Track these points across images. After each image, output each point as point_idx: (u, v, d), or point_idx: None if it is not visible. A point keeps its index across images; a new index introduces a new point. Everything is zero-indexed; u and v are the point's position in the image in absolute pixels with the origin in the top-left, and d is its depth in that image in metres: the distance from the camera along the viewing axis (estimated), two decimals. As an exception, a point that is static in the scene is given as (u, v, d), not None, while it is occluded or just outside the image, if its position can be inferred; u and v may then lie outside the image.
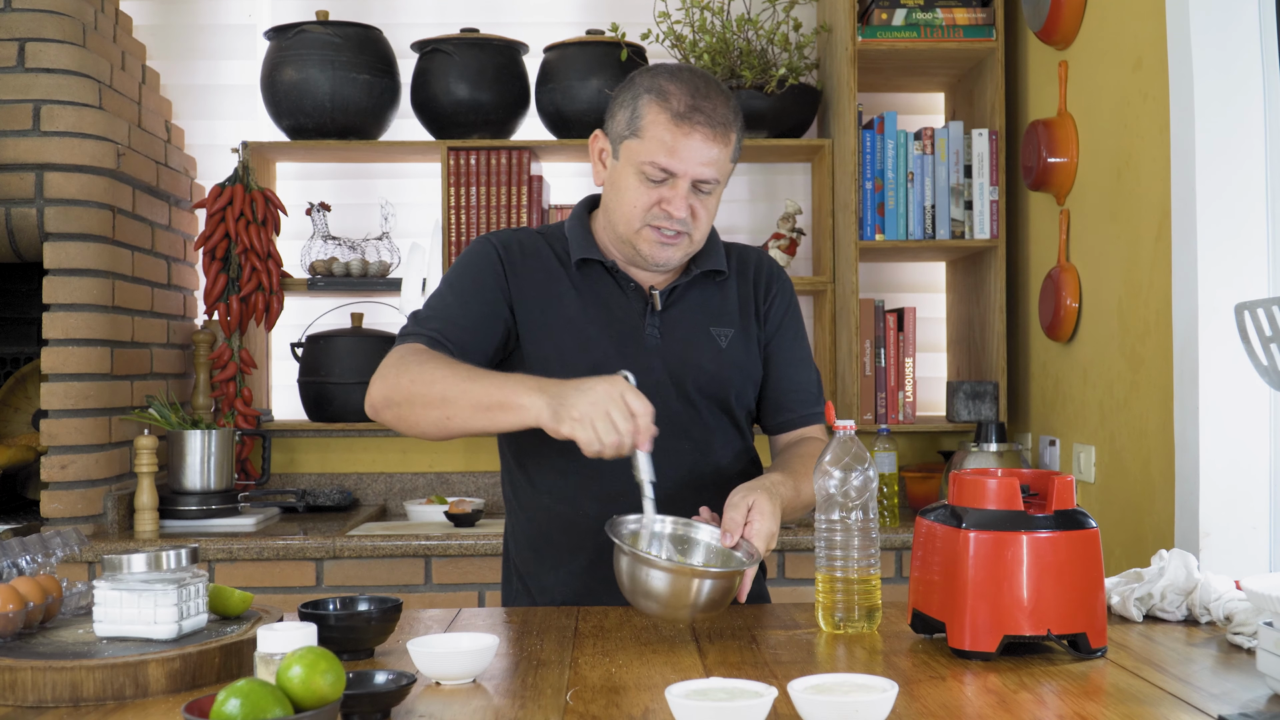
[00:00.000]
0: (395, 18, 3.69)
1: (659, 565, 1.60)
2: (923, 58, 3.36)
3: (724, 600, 1.62)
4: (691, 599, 1.59)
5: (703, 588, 1.59)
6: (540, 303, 1.94)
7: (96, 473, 3.00)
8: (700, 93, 1.85)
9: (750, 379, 2.00)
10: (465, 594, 2.98)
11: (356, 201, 3.70)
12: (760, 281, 2.03)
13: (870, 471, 1.63)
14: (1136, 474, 2.58)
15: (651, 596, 1.60)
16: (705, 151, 1.84)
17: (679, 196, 1.85)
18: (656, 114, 1.84)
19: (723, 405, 1.96)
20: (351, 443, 3.64)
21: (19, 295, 3.43)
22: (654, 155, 1.84)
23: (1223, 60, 2.29)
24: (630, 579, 1.62)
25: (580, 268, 1.96)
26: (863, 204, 3.28)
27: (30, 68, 2.98)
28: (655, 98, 1.85)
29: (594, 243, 1.97)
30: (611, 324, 1.93)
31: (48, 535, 1.72)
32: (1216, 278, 2.28)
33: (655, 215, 1.87)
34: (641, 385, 1.72)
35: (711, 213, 1.91)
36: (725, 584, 1.61)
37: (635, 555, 1.61)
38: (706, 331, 1.96)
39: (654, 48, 3.52)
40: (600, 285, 1.96)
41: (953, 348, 3.68)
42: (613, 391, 1.62)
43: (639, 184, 1.86)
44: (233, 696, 1.10)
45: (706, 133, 1.83)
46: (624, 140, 1.89)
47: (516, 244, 1.98)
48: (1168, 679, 1.42)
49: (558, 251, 1.98)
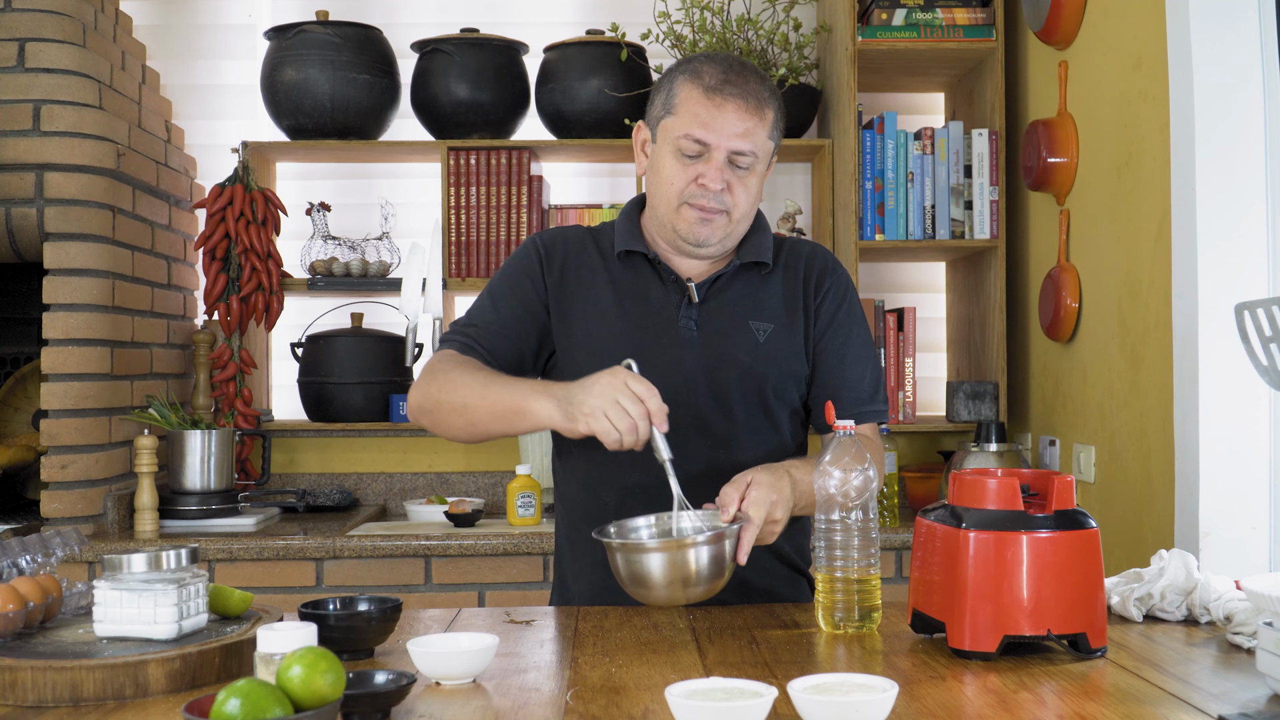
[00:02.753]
0: (395, 18, 3.69)
1: (643, 548, 1.62)
2: (923, 58, 3.36)
3: (720, 571, 1.63)
4: (683, 574, 1.60)
5: (688, 559, 1.60)
6: (576, 296, 1.97)
7: (96, 473, 3.00)
8: (733, 69, 1.89)
9: (791, 375, 1.97)
10: (465, 594, 2.98)
11: (356, 201, 3.70)
12: (812, 276, 2.01)
13: (870, 471, 1.63)
14: (1136, 474, 2.58)
15: (645, 582, 1.61)
16: (738, 122, 1.86)
17: (714, 169, 1.87)
18: (690, 90, 1.88)
19: (758, 400, 1.95)
20: (351, 443, 3.64)
21: (19, 295, 3.43)
22: (688, 128, 1.86)
23: (1223, 60, 2.29)
24: (625, 572, 1.63)
25: (622, 260, 1.98)
26: (863, 204, 3.28)
27: (30, 68, 2.98)
28: (689, 76, 1.90)
29: (639, 235, 2.00)
30: (647, 316, 1.95)
31: (48, 535, 1.72)
32: (1216, 278, 2.28)
33: (692, 193, 1.88)
34: (672, 378, 1.82)
35: (751, 192, 1.91)
36: (715, 551, 1.61)
37: (620, 545, 1.63)
38: (745, 325, 1.96)
39: (654, 48, 3.52)
40: (640, 277, 1.98)
41: (953, 348, 3.68)
42: (615, 381, 1.67)
43: (675, 161, 1.89)
44: (233, 696, 1.10)
45: (739, 104, 1.86)
46: (660, 121, 1.92)
47: (560, 240, 2.03)
48: (1168, 679, 1.42)
49: (602, 246, 2.02)
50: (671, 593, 1.62)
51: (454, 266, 3.46)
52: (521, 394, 1.77)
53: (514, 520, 3.15)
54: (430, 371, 1.89)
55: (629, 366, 1.71)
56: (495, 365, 1.92)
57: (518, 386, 1.79)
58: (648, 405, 1.66)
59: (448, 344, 1.94)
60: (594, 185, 3.77)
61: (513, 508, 3.15)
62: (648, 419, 1.66)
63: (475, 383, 1.82)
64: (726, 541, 1.64)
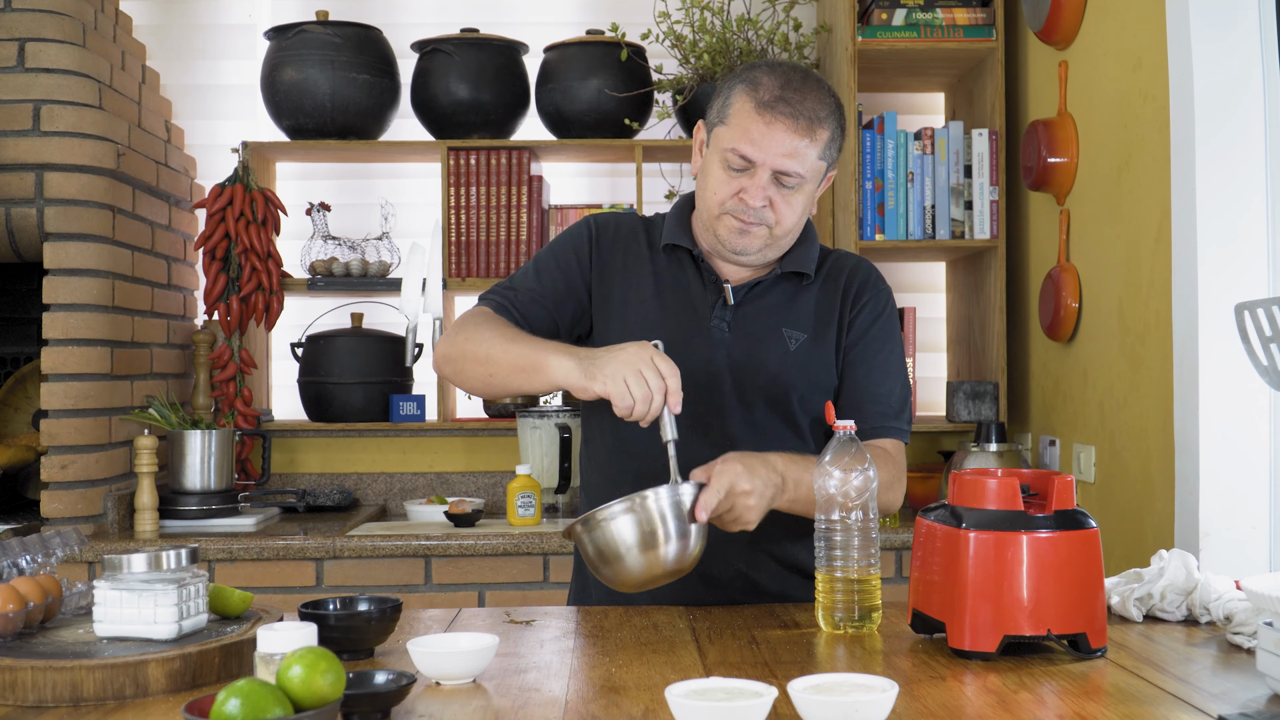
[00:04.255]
0: (395, 18, 3.69)
1: (600, 518, 1.61)
2: (923, 58, 3.36)
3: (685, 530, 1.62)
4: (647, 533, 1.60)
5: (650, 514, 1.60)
6: (619, 281, 1.98)
7: (96, 473, 3.00)
8: (792, 85, 1.85)
9: (817, 386, 1.96)
10: (465, 594, 2.98)
11: (356, 201, 3.70)
12: (851, 289, 2.00)
13: (870, 471, 1.63)
14: (1136, 474, 2.58)
15: (613, 554, 1.61)
16: (787, 142, 1.83)
17: (756, 185, 1.85)
18: (744, 102, 1.86)
19: (782, 408, 1.94)
20: (351, 443, 3.64)
21: (19, 295, 3.44)
22: (736, 142, 1.85)
23: (1223, 60, 2.29)
24: (593, 551, 1.63)
25: (667, 253, 1.99)
26: (863, 204, 3.28)
27: (30, 68, 2.98)
28: (747, 86, 1.87)
29: (687, 231, 2.00)
30: (683, 311, 1.95)
31: (48, 535, 1.72)
32: (1216, 278, 2.28)
33: (735, 206, 1.87)
34: (698, 375, 1.84)
35: (797, 209, 1.89)
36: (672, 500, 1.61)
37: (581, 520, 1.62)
38: (778, 332, 1.95)
39: (654, 48, 3.52)
40: (682, 272, 1.98)
41: (953, 348, 3.68)
42: (643, 353, 1.69)
43: (721, 171, 1.88)
44: (233, 696, 1.10)
45: (789, 124, 1.83)
46: (714, 127, 1.91)
47: (614, 224, 2.04)
48: (1168, 679, 1.42)
49: (651, 236, 2.02)
50: (645, 561, 1.61)
51: (454, 266, 3.46)
52: (543, 350, 1.78)
53: (514, 520, 3.15)
54: (461, 323, 1.92)
55: (656, 346, 1.72)
56: (526, 329, 1.93)
57: (542, 344, 1.81)
58: (667, 382, 1.67)
59: (485, 301, 1.96)
60: (594, 185, 3.77)
61: (513, 508, 3.15)
62: (664, 395, 1.66)
63: (501, 337, 1.84)
64: (684, 493, 1.63)
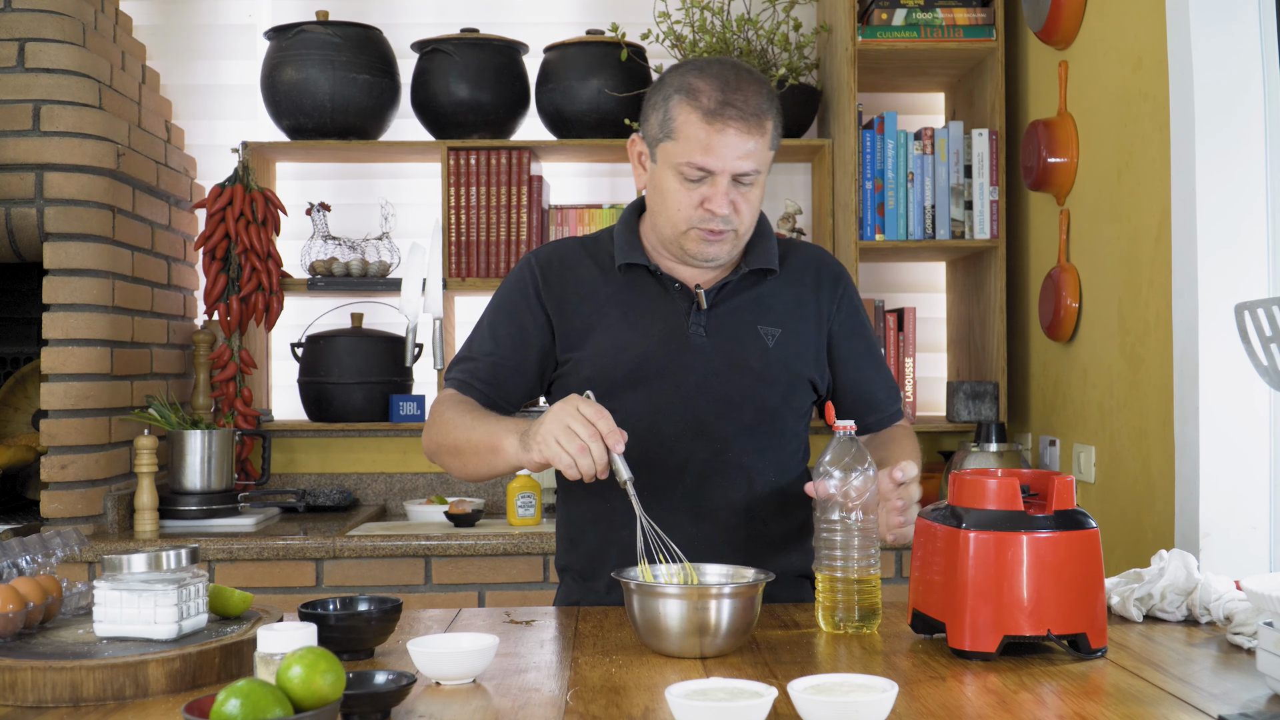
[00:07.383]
0: (395, 18, 3.69)
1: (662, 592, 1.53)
2: (923, 58, 3.36)
3: (745, 625, 1.54)
4: (700, 623, 1.51)
5: (721, 609, 1.51)
6: (579, 312, 1.95)
7: (96, 473, 3.00)
8: (730, 85, 1.83)
9: (799, 379, 1.96)
10: (465, 594, 2.98)
11: (356, 201, 3.70)
12: (823, 284, 2.01)
13: (870, 471, 1.63)
14: (1136, 474, 2.58)
15: (662, 632, 1.52)
16: (741, 145, 1.82)
17: (719, 194, 1.84)
18: (688, 113, 1.83)
19: (768, 404, 1.95)
20: (351, 443, 3.64)
21: (19, 295, 3.43)
22: (690, 155, 1.83)
23: (1223, 60, 2.29)
24: (640, 616, 1.55)
25: (624, 271, 1.96)
26: (863, 204, 3.28)
27: (30, 68, 2.98)
28: (685, 97, 1.84)
29: (639, 246, 1.97)
30: (655, 324, 1.94)
31: (48, 535, 1.72)
32: (1217, 278, 2.28)
33: (700, 217, 1.86)
34: (683, 384, 1.86)
35: (754, 204, 1.90)
36: (746, 602, 1.53)
37: (638, 587, 1.54)
38: (754, 330, 1.95)
39: (654, 48, 3.52)
40: (644, 289, 1.96)
41: (953, 348, 3.68)
42: (566, 408, 1.66)
43: (679, 185, 1.86)
44: (233, 696, 1.10)
45: (740, 126, 1.82)
46: (659, 143, 1.88)
47: (556, 256, 2.01)
48: (1168, 679, 1.42)
49: (600, 259, 1.99)
50: (686, 643, 1.53)
51: (454, 266, 3.46)
52: (496, 433, 1.78)
53: (514, 520, 3.15)
54: (432, 415, 1.94)
55: (587, 395, 1.70)
56: (497, 398, 1.94)
57: (496, 426, 1.80)
58: (597, 426, 1.63)
59: (449, 383, 1.97)
60: (594, 185, 3.77)
61: (513, 508, 3.15)
62: (599, 440, 1.62)
63: (464, 425, 1.85)
64: (758, 595, 1.56)
